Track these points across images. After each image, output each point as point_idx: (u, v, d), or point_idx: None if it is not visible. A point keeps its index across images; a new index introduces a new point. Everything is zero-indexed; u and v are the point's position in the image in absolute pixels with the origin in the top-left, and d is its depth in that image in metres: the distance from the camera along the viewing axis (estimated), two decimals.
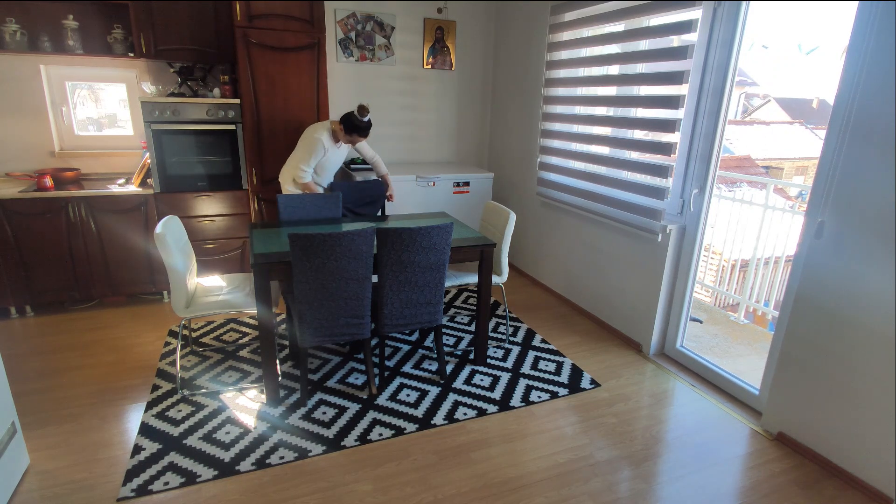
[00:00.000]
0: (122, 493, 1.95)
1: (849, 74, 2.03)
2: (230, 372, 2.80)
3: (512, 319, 3.57)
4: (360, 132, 2.95)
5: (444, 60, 4.47)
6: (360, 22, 4.11)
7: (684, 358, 3.02)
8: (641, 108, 3.04)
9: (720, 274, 4.71)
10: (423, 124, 4.60)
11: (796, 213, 3.72)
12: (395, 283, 2.50)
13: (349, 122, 2.93)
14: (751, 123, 14.09)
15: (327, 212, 3.12)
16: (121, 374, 2.74)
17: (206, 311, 2.54)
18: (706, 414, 2.58)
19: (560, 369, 2.94)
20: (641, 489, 2.07)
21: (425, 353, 3.06)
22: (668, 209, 2.95)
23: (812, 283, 2.22)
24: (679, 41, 2.81)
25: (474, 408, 2.56)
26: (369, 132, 3.02)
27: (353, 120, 2.92)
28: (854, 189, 2.04)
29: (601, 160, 3.32)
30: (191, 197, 3.53)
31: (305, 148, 3.13)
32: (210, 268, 3.69)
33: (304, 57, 3.53)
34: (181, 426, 2.34)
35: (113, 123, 3.85)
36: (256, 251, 2.46)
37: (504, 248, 3.04)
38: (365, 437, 2.32)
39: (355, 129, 2.93)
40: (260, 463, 2.13)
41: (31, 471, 2.06)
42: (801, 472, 2.21)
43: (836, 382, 2.17)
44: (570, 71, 3.62)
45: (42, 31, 3.30)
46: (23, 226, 3.17)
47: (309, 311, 2.37)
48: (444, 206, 4.16)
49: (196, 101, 3.40)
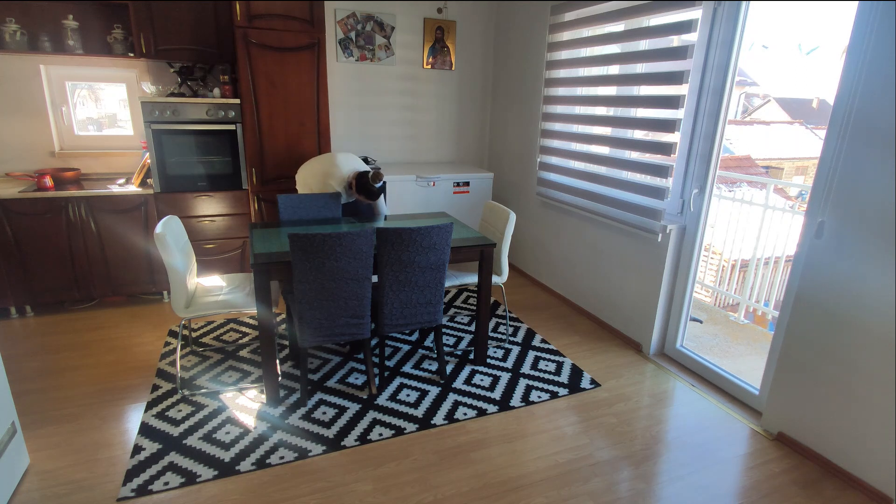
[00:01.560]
0: (122, 493, 1.95)
1: (849, 74, 2.03)
2: (230, 372, 2.80)
3: (512, 319, 3.57)
4: (369, 195, 2.90)
5: (444, 60, 4.47)
6: (360, 22, 4.11)
7: (684, 358, 3.02)
8: (641, 108, 3.04)
9: (720, 274, 4.70)
10: (423, 124, 4.60)
11: (796, 213, 3.72)
12: (395, 283, 2.50)
13: (361, 182, 2.90)
14: (751, 123, 14.09)
15: (327, 212, 3.12)
16: (121, 374, 2.74)
17: (206, 311, 2.54)
18: (706, 414, 2.58)
19: (560, 369, 2.94)
20: (641, 489, 2.07)
21: (425, 353, 3.06)
22: (668, 209, 2.95)
23: (812, 283, 2.22)
24: (679, 41, 2.81)
25: (474, 408, 2.56)
26: (379, 197, 2.98)
27: (366, 184, 2.88)
28: (854, 189, 2.04)
29: (601, 160, 3.32)
30: (191, 197, 3.53)
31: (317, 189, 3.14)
32: (210, 268, 3.69)
33: (304, 57, 3.53)
34: (181, 426, 2.34)
35: (113, 123, 3.85)
36: (256, 251, 2.46)
37: (504, 248, 3.04)
38: (365, 437, 2.32)
39: (364, 191, 2.89)
40: (260, 463, 2.13)
41: (31, 471, 2.06)
42: (801, 472, 2.21)
43: (836, 382, 2.17)
44: (570, 71, 3.62)
45: (42, 31, 3.30)
46: (23, 226, 3.17)
47: (309, 310, 2.37)
48: (444, 206, 4.16)
49: (196, 101, 3.40)
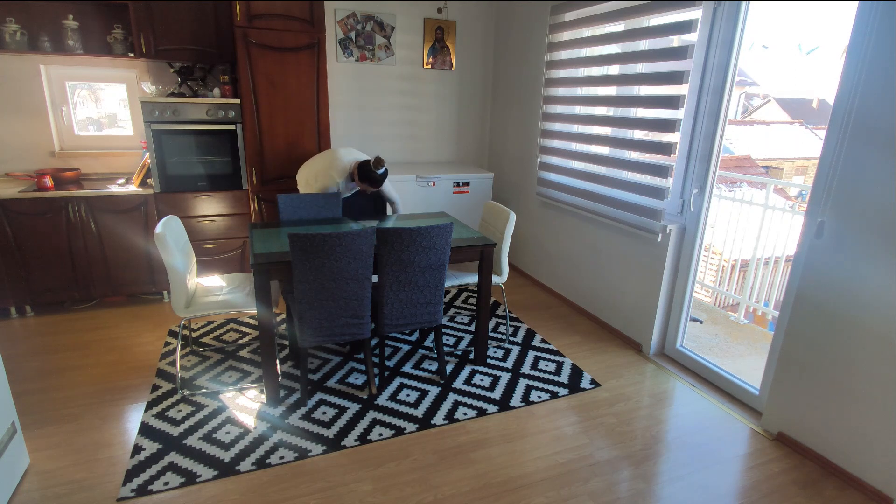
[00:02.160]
0: (122, 493, 1.95)
1: (849, 74, 2.03)
2: (230, 372, 2.80)
3: (512, 319, 3.57)
4: (373, 182, 2.95)
5: (444, 60, 4.47)
6: (360, 22, 4.11)
7: (684, 358, 3.02)
8: (641, 108, 3.04)
9: (720, 274, 4.71)
10: (423, 124, 4.60)
11: (796, 213, 3.72)
12: (395, 283, 2.50)
13: (363, 170, 2.93)
14: (751, 123, 14.09)
15: (327, 212, 3.13)
16: (121, 374, 2.74)
17: (206, 311, 2.54)
18: (706, 414, 2.58)
19: (560, 369, 2.94)
20: (641, 489, 2.07)
21: (425, 353, 3.06)
22: (668, 209, 2.95)
23: (812, 283, 2.22)
24: (679, 41, 2.81)
25: (474, 408, 2.56)
26: (382, 184, 3.01)
27: (368, 171, 2.92)
28: (854, 189, 2.04)
29: (601, 160, 3.32)
30: (191, 197, 3.53)
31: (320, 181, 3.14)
32: (210, 268, 3.69)
33: (304, 57, 3.53)
34: (181, 426, 2.34)
35: (113, 123, 3.85)
36: (256, 251, 2.46)
37: (504, 248, 3.04)
38: (365, 437, 2.32)
39: (367, 179, 2.94)
40: (260, 463, 2.13)
41: (31, 471, 2.06)
42: (801, 472, 2.21)
43: (836, 382, 2.17)
44: (570, 71, 3.62)
45: (42, 31, 3.30)
46: (23, 226, 3.17)
47: (309, 310, 2.37)
48: (444, 206, 4.16)
49: (196, 101, 3.40)
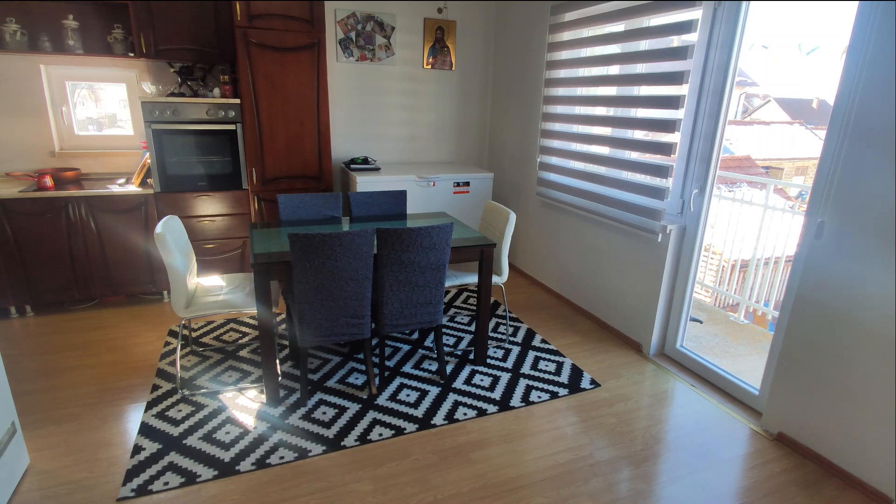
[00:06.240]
0: (121, 493, 1.95)
1: (849, 74, 2.03)
2: (230, 372, 2.80)
3: (512, 319, 3.57)
4: None
5: (444, 60, 4.47)
6: (360, 22, 4.11)
7: (684, 358, 3.02)
8: (641, 109, 3.04)
9: (720, 274, 4.71)
10: (423, 124, 4.60)
11: (796, 213, 3.72)
12: (395, 283, 2.50)
13: None
14: (751, 123, 14.09)
15: (327, 212, 3.13)
16: (121, 374, 2.74)
17: (206, 311, 2.54)
18: (706, 414, 2.58)
19: (560, 369, 2.94)
20: (641, 489, 2.07)
21: (425, 353, 3.06)
22: (668, 209, 2.95)
23: (812, 283, 2.22)
24: (679, 41, 2.81)
25: (474, 408, 2.56)
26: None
27: None
28: (854, 189, 2.04)
29: (601, 160, 3.32)
30: (191, 197, 3.53)
31: None
32: (210, 268, 3.69)
33: (304, 57, 3.53)
34: (181, 426, 2.34)
35: (113, 123, 3.85)
36: (256, 251, 2.46)
37: (504, 248, 3.04)
38: (365, 437, 2.32)
39: None
40: (260, 463, 2.13)
41: (31, 471, 2.06)
42: (801, 472, 2.21)
43: (835, 382, 2.17)
44: (570, 71, 3.62)
45: (42, 31, 3.30)
46: (23, 226, 3.17)
47: (309, 310, 2.37)
48: (444, 206, 4.16)
49: (196, 101, 3.40)
